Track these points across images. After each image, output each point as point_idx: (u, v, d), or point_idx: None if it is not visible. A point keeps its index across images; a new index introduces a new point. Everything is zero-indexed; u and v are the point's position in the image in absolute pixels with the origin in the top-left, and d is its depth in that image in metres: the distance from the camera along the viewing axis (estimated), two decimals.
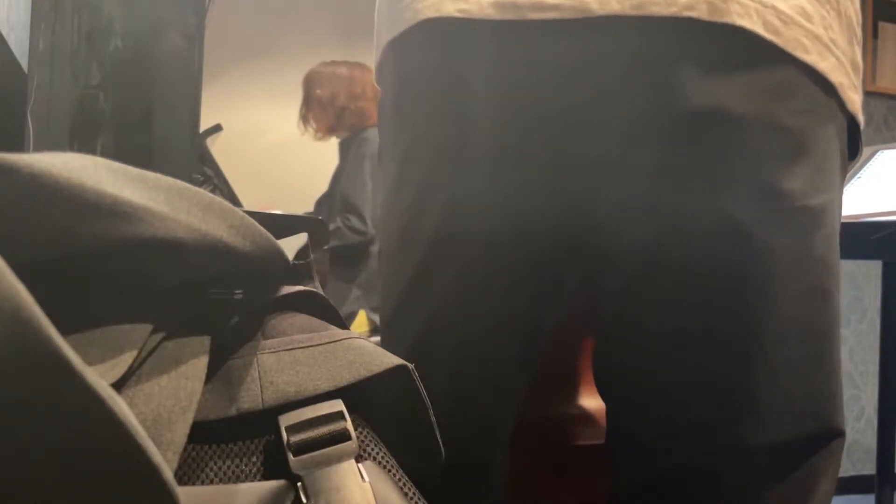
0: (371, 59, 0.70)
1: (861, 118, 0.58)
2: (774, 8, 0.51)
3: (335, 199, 2.32)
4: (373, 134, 2.27)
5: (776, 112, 0.51)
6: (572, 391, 0.84)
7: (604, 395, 0.62)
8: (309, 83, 2.39)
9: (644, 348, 0.56)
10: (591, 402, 0.83)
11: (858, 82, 0.57)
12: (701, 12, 0.50)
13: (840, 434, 0.56)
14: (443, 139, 0.58)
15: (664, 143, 0.52)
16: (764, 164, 0.51)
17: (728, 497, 0.54)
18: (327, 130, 2.39)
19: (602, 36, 0.52)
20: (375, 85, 0.69)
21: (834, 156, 0.55)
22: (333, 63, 2.39)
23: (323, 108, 2.35)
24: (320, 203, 2.39)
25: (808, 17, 0.52)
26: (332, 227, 2.24)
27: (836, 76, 0.53)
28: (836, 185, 0.56)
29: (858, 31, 0.57)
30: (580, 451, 0.78)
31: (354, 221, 2.20)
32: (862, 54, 0.58)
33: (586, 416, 0.81)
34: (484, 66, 0.55)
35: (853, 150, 0.59)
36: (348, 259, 2.24)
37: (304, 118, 2.41)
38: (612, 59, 0.52)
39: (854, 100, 0.56)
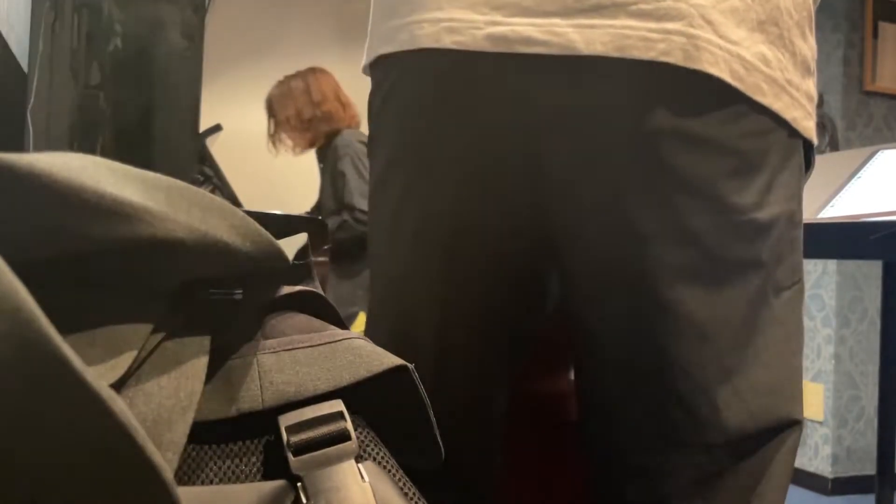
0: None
1: (815, 140, 0.65)
2: (740, 56, 0.57)
3: (326, 206, 2.33)
4: (343, 139, 2.30)
5: (727, 135, 0.57)
6: (562, 369, 0.84)
7: (578, 385, 0.67)
8: (271, 108, 2.42)
9: (606, 350, 0.61)
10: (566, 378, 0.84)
11: (813, 109, 0.64)
12: (676, 58, 0.56)
13: (795, 423, 0.61)
14: (425, 148, 0.63)
15: (625, 156, 0.57)
16: (715, 180, 0.57)
17: (687, 489, 0.59)
18: (307, 145, 2.43)
19: (584, 72, 0.57)
20: (363, 74, 0.73)
21: (788, 172, 0.61)
22: (287, 80, 2.42)
23: (293, 127, 2.39)
24: (316, 212, 2.41)
25: (767, 63, 0.59)
26: (337, 221, 2.25)
27: (790, 112, 0.60)
28: (789, 197, 0.62)
29: (812, 65, 0.65)
30: (562, 427, 0.79)
31: (359, 215, 2.21)
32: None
33: (566, 393, 0.82)
34: (471, 87, 0.60)
35: (808, 163, 0.67)
36: (349, 259, 2.25)
37: (274, 140, 2.44)
38: (593, 92, 0.58)
39: (808, 127, 0.63)
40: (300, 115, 2.36)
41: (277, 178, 3.19)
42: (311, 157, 2.50)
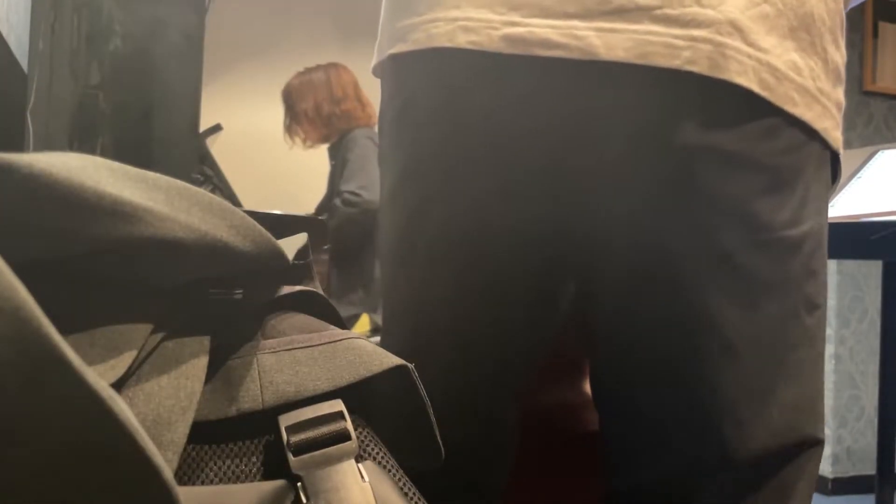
0: (369, 58, 0.70)
1: (841, 151, 0.63)
2: (769, 65, 0.54)
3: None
4: (354, 135, 2.27)
5: (761, 152, 0.55)
6: (574, 378, 0.84)
7: (596, 402, 0.65)
8: (289, 98, 2.37)
9: (631, 365, 0.59)
10: (578, 390, 0.84)
11: (840, 118, 0.62)
12: (702, 67, 0.53)
13: (817, 442, 0.59)
14: (443, 157, 0.61)
15: (656, 174, 0.55)
16: (748, 198, 0.55)
17: None
18: (319, 140, 2.38)
19: (606, 78, 0.55)
20: (373, 76, 0.70)
21: (817, 187, 0.59)
22: (308, 71, 2.38)
23: (310, 120, 2.34)
24: (321, 210, 2.40)
25: (799, 71, 0.56)
26: (326, 208, 2.24)
27: (821, 123, 0.58)
28: (819, 212, 0.60)
29: (842, 71, 0.62)
30: (584, 437, 0.79)
31: (347, 196, 2.18)
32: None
33: (588, 402, 0.81)
34: (490, 94, 0.58)
35: (835, 174, 0.64)
36: (350, 261, 2.24)
37: (290, 130, 2.39)
38: (614, 100, 0.55)
39: (837, 137, 0.61)
40: (319, 109, 2.32)
41: (278, 178, 3.19)
42: (311, 156, 2.50)
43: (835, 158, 0.63)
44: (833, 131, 0.59)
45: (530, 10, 0.56)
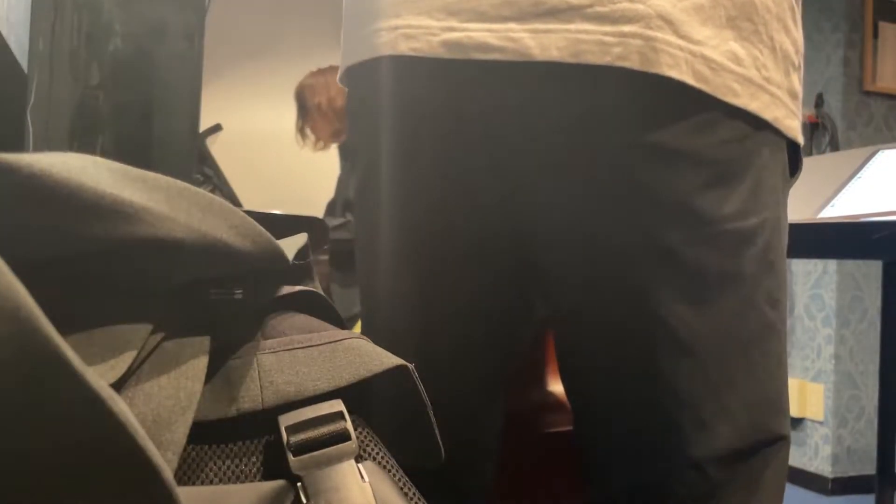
0: None
1: (801, 139, 0.61)
2: (704, 56, 0.54)
3: (340, 203, 2.33)
4: None
5: (701, 145, 0.54)
6: (541, 379, 0.84)
7: (569, 402, 0.65)
8: (302, 95, 2.41)
9: (589, 366, 0.60)
10: (559, 387, 0.84)
11: (797, 107, 0.60)
12: (633, 63, 0.53)
13: (781, 438, 0.59)
14: (393, 164, 0.62)
15: (595, 173, 0.55)
16: (690, 193, 0.54)
17: None
18: (331, 136, 2.40)
19: (543, 79, 0.55)
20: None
21: (771, 177, 0.59)
22: (321, 71, 2.42)
23: (323, 114, 2.37)
24: (331, 208, 2.40)
25: (739, 61, 0.55)
26: (339, 221, 2.24)
27: (770, 113, 0.57)
28: (774, 203, 0.59)
29: (797, 59, 0.61)
30: (555, 438, 0.79)
31: None
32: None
33: (557, 403, 0.81)
34: (434, 99, 0.59)
35: (796, 166, 0.64)
36: (351, 262, 2.23)
37: (302, 131, 2.42)
38: (552, 100, 0.56)
39: (792, 126, 0.59)
40: (332, 102, 2.34)
41: (278, 178, 3.19)
42: (312, 155, 2.49)
43: (794, 148, 0.62)
44: (786, 120, 0.58)
45: (468, 15, 0.57)
